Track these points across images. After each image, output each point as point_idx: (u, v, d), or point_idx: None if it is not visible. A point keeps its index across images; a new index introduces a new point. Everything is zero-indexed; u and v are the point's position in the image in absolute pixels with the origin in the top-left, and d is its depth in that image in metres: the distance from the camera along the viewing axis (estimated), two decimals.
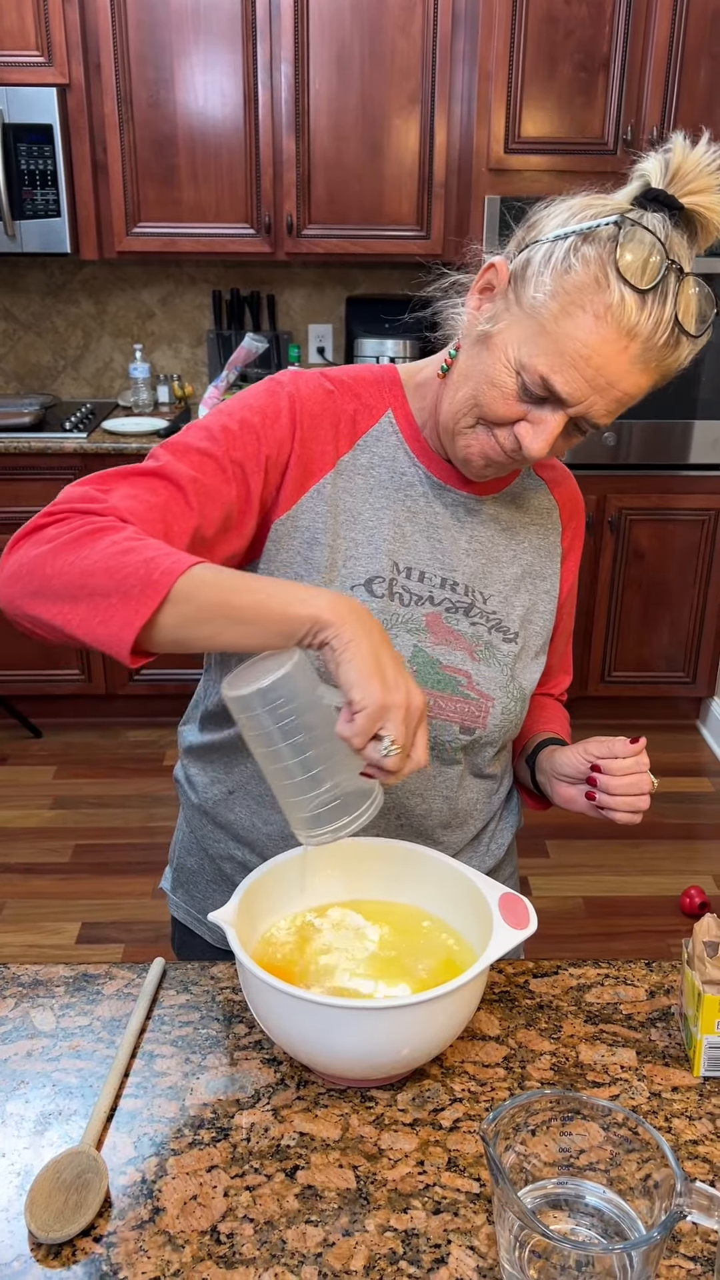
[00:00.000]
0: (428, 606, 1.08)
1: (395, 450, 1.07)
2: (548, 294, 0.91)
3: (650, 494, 3.31)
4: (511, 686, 1.12)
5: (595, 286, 0.89)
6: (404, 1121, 0.89)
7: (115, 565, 0.83)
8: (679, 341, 0.91)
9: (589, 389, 0.91)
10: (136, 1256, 0.78)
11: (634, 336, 0.89)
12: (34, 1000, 1.02)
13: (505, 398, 0.95)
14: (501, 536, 1.12)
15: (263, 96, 3.17)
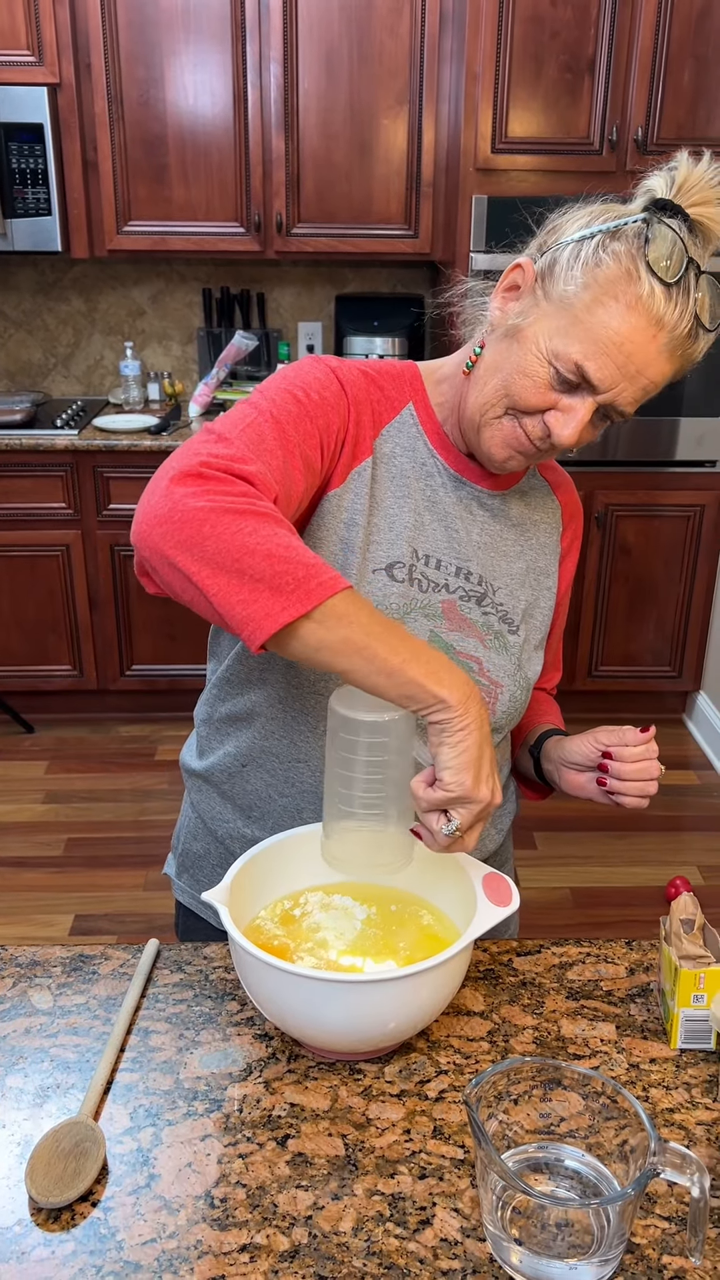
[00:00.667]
0: (444, 594, 1.12)
1: (415, 441, 1.11)
2: (579, 286, 0.97)
3: (637, 490, 3.35)
4: (519, 675, 1.16)
5: (627, 278, 0.95)
6: (391, 1092, 0.92)
7: (277, 556, 0.85)
8: (698, 335, 0.98)
9: (620, 375, 0.97)
10: (133, 1220, 0.81)
11: (662, 326, 0.95)
12: (32, 980, 1.05)
13: (538, 387, 0.99)
14: (511, 532, 1.16)
15: (252, 96, 3.20)
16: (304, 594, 0.85)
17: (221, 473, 0.88)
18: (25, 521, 3.33)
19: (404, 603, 1.09)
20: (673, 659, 3.56)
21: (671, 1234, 0.80)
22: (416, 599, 1.10)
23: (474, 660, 1.13)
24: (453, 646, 1.12)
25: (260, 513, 0.87)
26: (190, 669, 3.51)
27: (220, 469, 0.89)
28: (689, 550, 3.44)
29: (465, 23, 2.93)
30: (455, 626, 1.12)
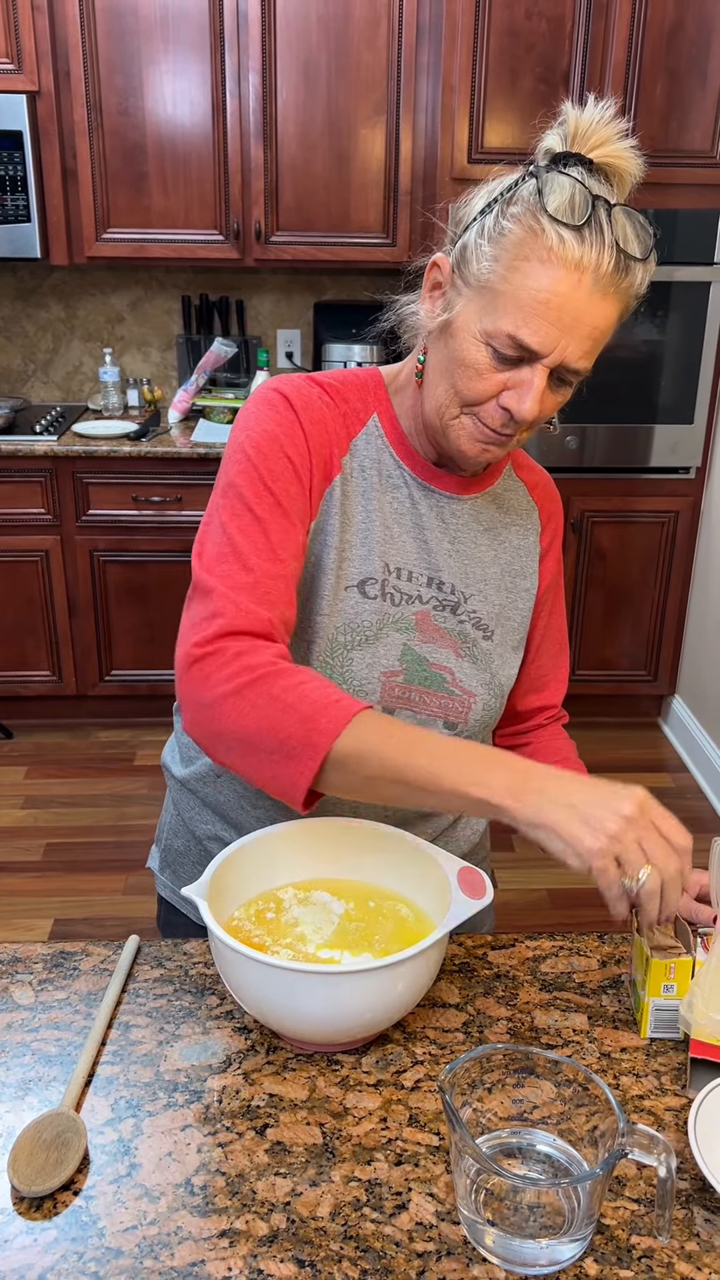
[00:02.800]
0: (417, 605, 1.12)
1: (381, 453, 1.10)
2: (491, 260, 0.95)
3: (612, 497, 3.39)
4: (493, 684, 1.17)
5: (532, 236, 0.93)
6: (368, 1082, 0.94)
7: (277, 723, 0.89)
8: (629, 267, 0.95)
9: (557, 332, 0.94)
10: (115, 1208, 0.82)
11: (582, 269, 0.92)
12: (13, 976, 1.06)
13: (480, 372, 0.98)
14: (483, 536, 1.16)
15: (231, 105, 3.22)
16: (309, 750, 0.88)
17: (216, 648, 0.94)
18: (4, 527, 3.33)
19: (377, 619, 1.10)
20: (648, 663, 3.60)
21: (640, 1215, 0.82)
22: (389, 613, 1.10)
23: (446, 671, 1.14)
24: (425, 658, 1.13)
25: (256, 678, 0.92)
26: (169, 674, 3.51)
27: (214, 642, 0.95)
28: (664, 556, 3.48)
29: (442, 35, 2.97)
30: (428, 638, 1.13)
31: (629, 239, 0.94)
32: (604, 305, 0.95)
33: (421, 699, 1.13)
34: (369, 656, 1.09)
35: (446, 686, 1.14)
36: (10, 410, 3.42)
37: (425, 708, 1.13)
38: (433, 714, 1.14)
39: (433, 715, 1.14)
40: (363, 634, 1.09)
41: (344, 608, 1.08)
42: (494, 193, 0.98)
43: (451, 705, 1.15)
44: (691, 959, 0.98)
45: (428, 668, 1.13)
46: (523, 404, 0.98)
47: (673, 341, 3.25)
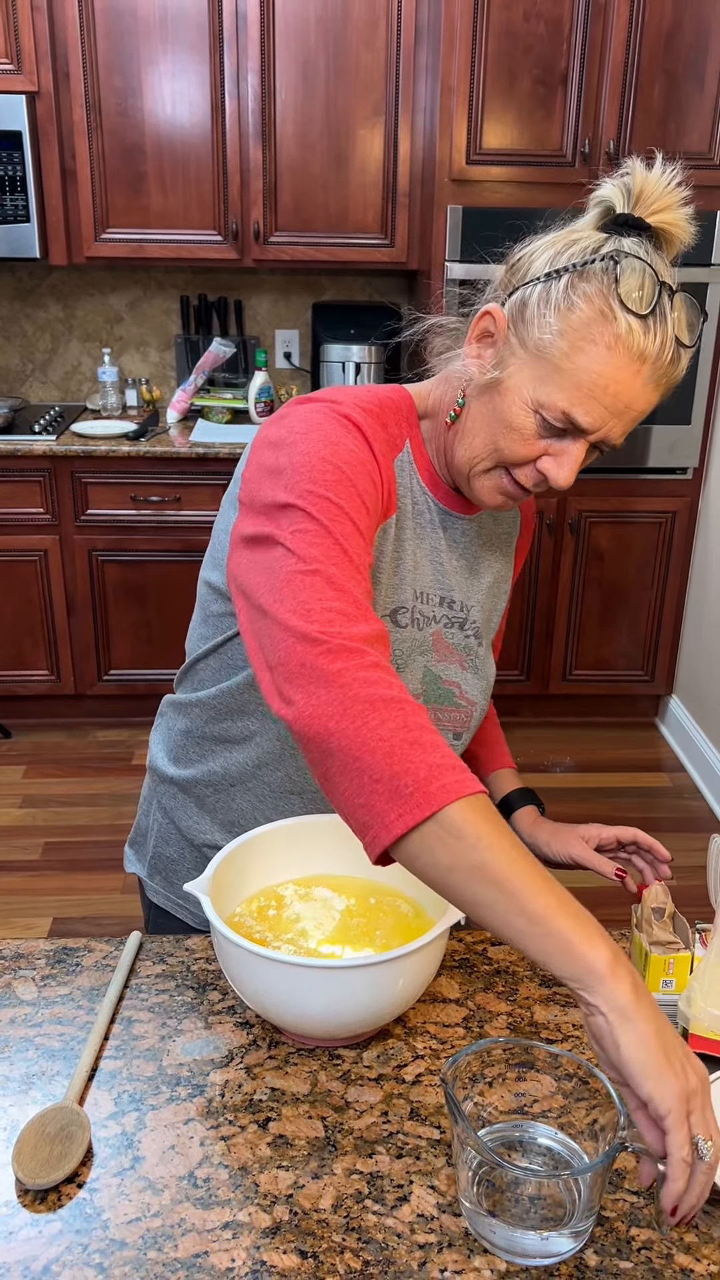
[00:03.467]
0: (433, 626, 1.13)
1: (412, 480, 1.09)
2: (555, 333, 0.94)
3: (609, 497, 3.40)
4: (485, 687, 1.19)
5: (602, 319, 0.92)
6: (369, 1077, 0.95)
7: (402, 755, 0.78)
8: (680, 356, 0.96)
9: (608, 415, 0.95)
10: (118, 1200, 0.83)
11: (645, 360, 0.93)
12: (16, 972, 1.07)
13: (525, 439, 0.98)
14: (481, 549, 1.18)
15: (230, 106, 3.23)
16: (423, 799, 0.76)
17: (354, 645, 0.84)
18: (2, 526, 3.34)
19: (406, 647, 1.11)
20: (645, 663, 3.61)
21: (640, 1207, 0.83)
22: (414, 638, 1.12)
23: (454, 686, 1.16)
24: (440, 677, 1.14)
25: (395, 698, 0.81)
26: (167, 673, 3.52)
27: (351, 646, 0.84)
28: (661, 556, 3.49)
29: (440, 36, 2.98)
30: (442, 656, 1.14)
31: (683, 327, 0.95)
32: (654, 394, 0.97)
33: (437, 716, 1.15)
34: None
35: (455, 700, 1.16)
36: (9, 410, 3.42)
37: (439, 723, 1.15)
38: (445, 727, 1.16)
39: (444, 728, 1.16)
40: (396, 663, 1.10)
41: None
42: (562, 257, 0.96)
43: (458, 717, 1.17)
44: (690, 954, 0.99)
45: (441, 685, 1.15)
46: (561, 473, 0.99)
47: None
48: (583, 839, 1.21)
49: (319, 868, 1.09)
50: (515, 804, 1.30)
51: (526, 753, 3.47)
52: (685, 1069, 0.74)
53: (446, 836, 0.77)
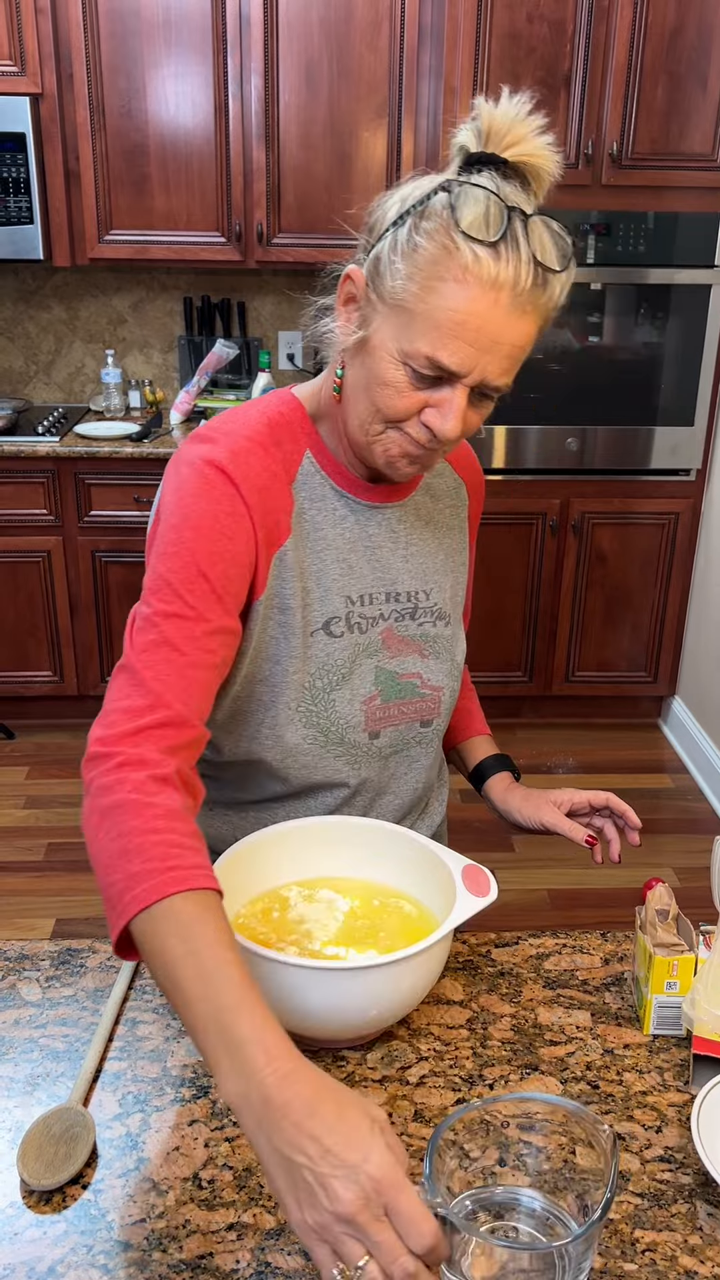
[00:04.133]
0: (380, 624, 1.12)
1: (322, 488, 1.08)
2: (405, 278, 0.92)
3: (612, 498, 3.40)
4: (452, 669, 1.19)
5: (446, 254, 0.89)
6: (373, 1078, 0.95)
7: (112, 865, 0.82)
8: (546, 280, 0.91)
9: (476, 352, 0.91)
10: (123, 1201, 0.83)
11: (500, 287, 0.89)
12: (20, 973, 1.07)
13: (400, 392, 0.95)
14: (425, 531, 1.16)
15: (233, 107, 3.23)
16: (117, 913, 0.80)
17: (109, 751, 0.89)
18: (6, 527, 3.34)
19: (348, 654, 1.10)
20: (648, 664, 3.61)
21: (644, 1210, 0.83)
22: (358, 643, 1.11)
23: (415, 677, 1.15)
24: (396, 673, 1.14)
25: (116, 803, 0.85)
26: None
27: (115, 743, 0.89)
28: (663, 557, 3.49)
29: (443, 38, 2.98)
30: (395, 652, 1.14)
31: (547, 250, 0.91)
32: (522, 323, 0.92)
33: (400, 711, 1.15)
34: (348, 693, 1.10)
35: (418, 691, 1.16)
36: (12, 411, 3.43)
37: (404, 716, 1.15)
38: (410, 719, 1.16)
39: (410, 720, 1.16)
40: (339, 673, 1.10)
41: (314, 654, 1.08)
42: (407, 202, 0.94)
43: (424, 706, 1.16)
44: (694, 956, 0.99)
45: (399, 681, 1.14)
46: (446, 423, 0.95)
47: (673, 344, 3.27)
48: (555, 804, 1.19)
49: (323, 869, 1.09)
50: (488, 771, 1.29)
51: (529, 754, 3.47)
52: (312, 1199, 0.65)
53: (142, 941, 0.79)
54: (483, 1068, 0.96)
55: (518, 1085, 0.94)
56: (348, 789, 1.14)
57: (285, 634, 1.06)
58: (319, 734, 1.09)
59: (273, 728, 1.09)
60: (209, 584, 0.97)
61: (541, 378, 3.27)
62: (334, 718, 1.10)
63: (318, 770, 1.11)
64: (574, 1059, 0.98)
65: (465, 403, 0.95)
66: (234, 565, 0.99)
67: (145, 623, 0.96)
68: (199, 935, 0.77)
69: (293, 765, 1.10)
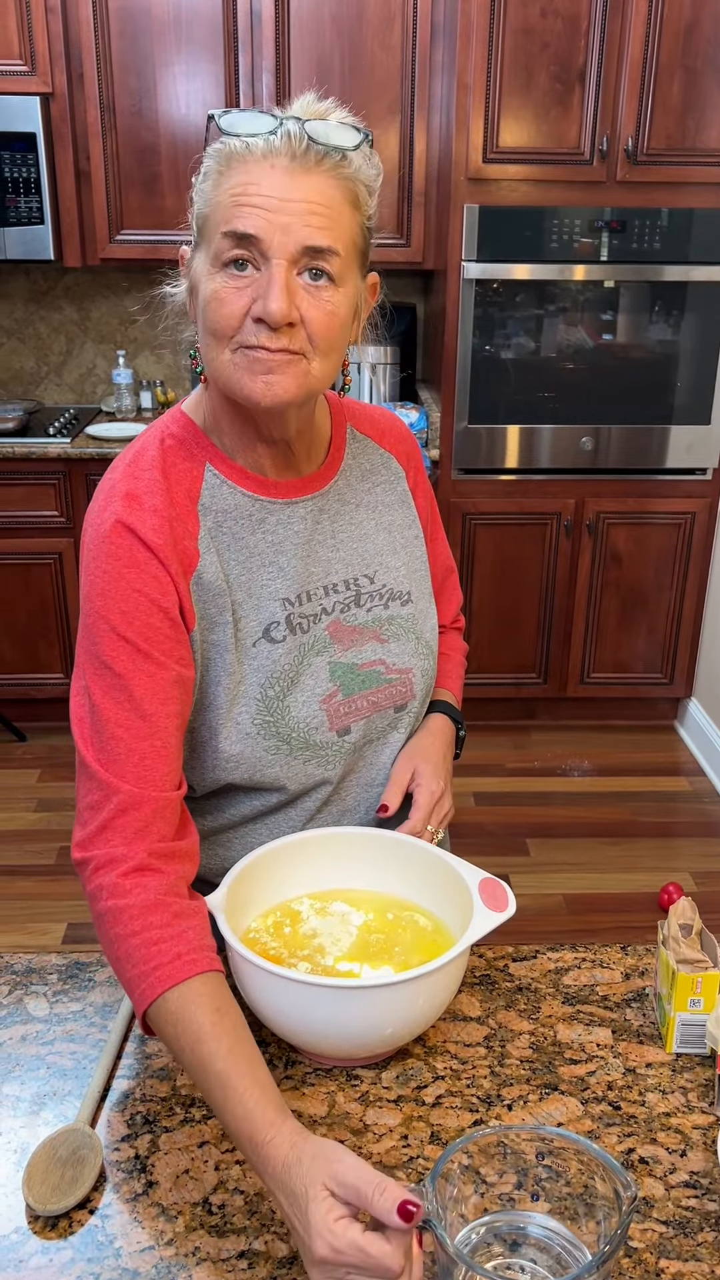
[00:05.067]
0: (324, 619, 1.10)
1: (232, 496, 1.05)
2: (201, 200, 0.97)
3: (627, 498, 3.36)
4: (421, 648, 1.15)
5: (223, 156, 0.94)
6: (388, 1098, 0.92)
7: (118, 965, 0.90)
8: (332, 153, 0.93)
9: (269, 214, 0.91)
10: (131, 1227, 0.80)
11: (274, 154, 0.92)
12: (27, 988, 1.05)
13: (224, 298, 0.94)
14: (360, 514, 1.14)
15: (244, 106, 3.21)
16: (137, 1003, 0.88)
17: (87, 857, 0.94)
18: (17, 529, 3.33)
19: (294, 656, 1.07)
20: (664, 666, 3.57)
21: (669, 1238, 0.80)
22: (303, 643, 1.08)
23: (377, 664, 1.12)
24: (354, 664, 1.10)
25: (101, 913, 0.91)
26: None
27: (88, 846, 0.94)
28: (679, 557, 3.45)
29: (456, 34, 2.95)
30: (349, 643, 1.11)
31: (330, 135, 0.93)
32: (311, 179, 0.93)
33: (369, 702, 1.12)
34: (303, 695, 1.08)
35: (383, 677, 1.12)
36: (23, 412, 3.41)
37: (375, 706, 1.12)
38: (382, 707, 1.13)
39: (382, 708, 1.13)
40: (288, 677, 1.07)
41: (260, 663, 1.05)
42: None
43: (395, 690, 1.13)
44: (718, 973, 0.96)
45: (359, 672, 1.11)
46: (270, 302, 0.92)
47: (689, 341, 3.23)
48: (409, 767, 1.14)
49: (336, 882, 1.07)
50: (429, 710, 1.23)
51: (543, 756, 3.44)
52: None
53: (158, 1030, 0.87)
54: (501, 1087, 0.94)
55: (537, 1106, 0.92)
56: (329, 786, 1.11)
57: (221, 653, 1.04)
58: (281, 742, 1.06)
59: (233, 747, 1.05)
60: (131, 645, 0.96)
61: (555, 376, 3.24)
62: (293, 723, 1.07)
63: (292, 780, 1.08)
64: (594, 1078, 0.95)
65: (286, 277, 0.92)
66: (152, 614, 0.98)
67: (84, 708, 0.97)
68: (182, 1036, 0.84)
69: (264, 779, 1.07)
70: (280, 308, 0.91)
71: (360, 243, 0.98)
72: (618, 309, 3.19)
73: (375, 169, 0.99)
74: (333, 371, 1.00)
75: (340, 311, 0.96)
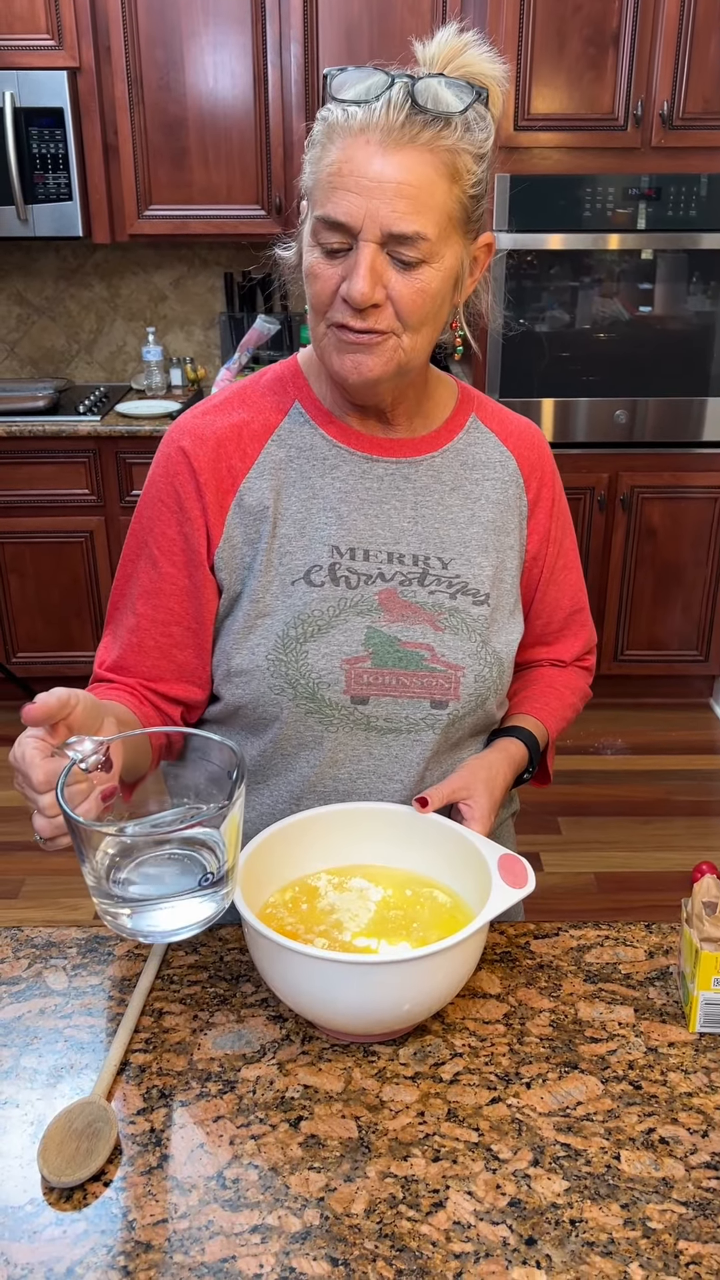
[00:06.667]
0: (379, 584, 1.08)
1: (312, 438, 1.08)
2: (308, 171, 0.98)
3: (663, 472, 3.31)
4: (484, 652, 1.11)
5: (324, 125, 0.95)
6: (405, 1075, 0.91)
7: None
8: (432, 120, 0.92)
9: (359, 199, 0.92)
10: (145, 1200, 0.80)
11: (368, 129, 0.92)
12: (47, 961, 1.05)
13: (319, 275, 0.97)
14: (451, 497, 1.11)
15: (272, 77, 3.17)
16: None
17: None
18: (49, 508, 3.34)
19: (330, 605, 1.06)
20: (699, 642, 3.52)
21: (689, 1219, 0.79)
22: (345, 597, 1.07)
23: (423, 648, 1.09)
24: (397, 638, 1.08)
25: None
26: None
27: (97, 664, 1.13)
28: (715, 532, 3.39)
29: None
30: (397, 616, 1.08)
31: (438, 98, 0.93)
32: (402, 156, 0.92)
33: (399, 681, 1.08)
34: (324, 646, 1.06)
35: (427, 664, 1.09)
36: (54, 391, 3.42)
37: (406, 690, 1.08)
38: (415, 695, 1.09)
39: (415, 696, 1.09)
40: (315, 624, 1.06)
41: (292, 603, 1.06)
42: None
43: (435, 683, 1.09)
44: None
45: (400, 647, 1.08)
46: (354, 285, 0.94)
47: None
48: (472, 789, 1.07)
49: (354, 857, 1.06)
50: (501, 734, 1.18)
51: (577, 735, 3.41)
52: None
53: None
54: (519, 1065, 0.92)
55: (556, 1084, 0.90)
56: (322, 750, 1.09)
57: (251, 576, 1.07)
58: (287, 685, 1.06)
59: (242, 664, 1.08)
60: (151, 551, 1.08)
61: (589, 348, 3.19)
62: (304, 670, 1.06)
63: (289, 727, 1.08)
64: (615, 1057, 0.93)
65: (372, 259, 0.94)
66: (173, 524, 1.08)
67: (118, 584, 1.13)
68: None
69: (264, 715, 1.09)
70: (362, 290, 0.94)
71: (459, 213, 0.98)
72: (654, 279, 3.13)
73: (485, 131, 0.98)
74: (427, 343, 1.02)
75: (431, 287, 0.97)
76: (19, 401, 3.31)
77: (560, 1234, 0.78)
